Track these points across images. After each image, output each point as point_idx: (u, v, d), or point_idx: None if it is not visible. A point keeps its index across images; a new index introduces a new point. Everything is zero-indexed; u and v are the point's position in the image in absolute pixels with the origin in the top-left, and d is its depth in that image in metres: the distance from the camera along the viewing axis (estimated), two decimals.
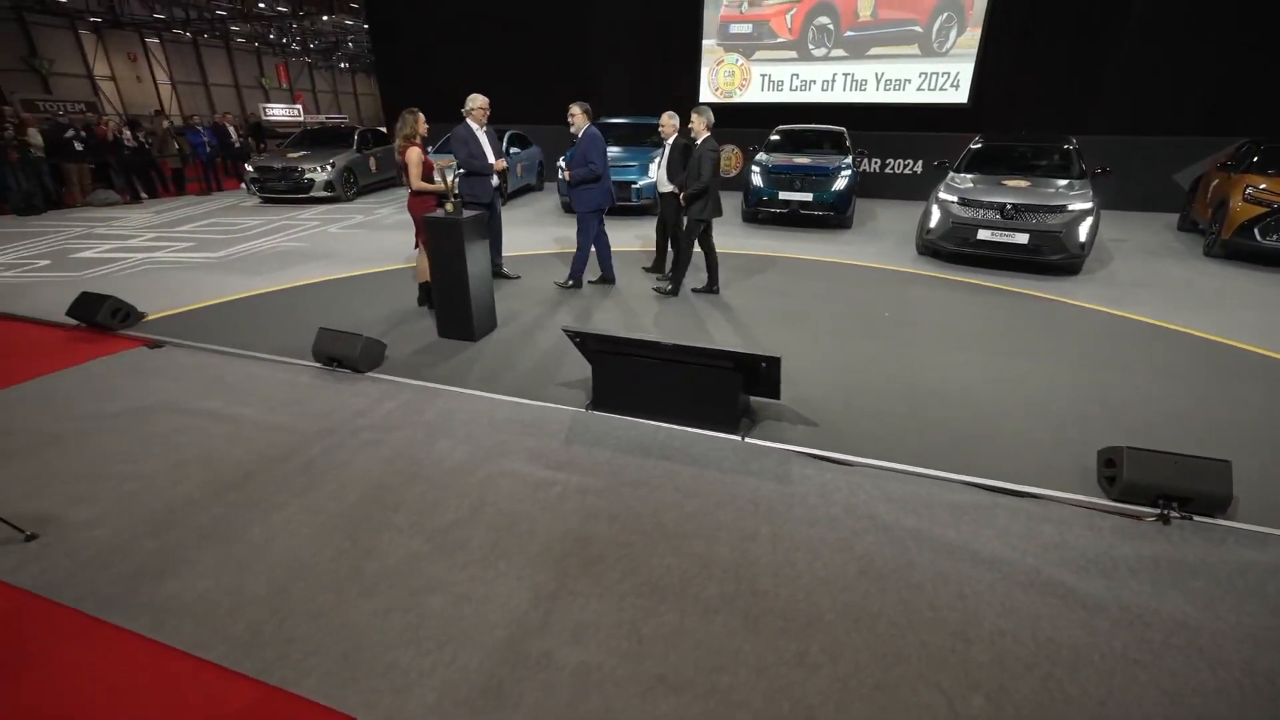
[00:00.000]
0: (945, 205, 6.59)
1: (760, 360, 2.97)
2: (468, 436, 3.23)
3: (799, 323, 4.98)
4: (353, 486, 2.80)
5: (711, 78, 13.09)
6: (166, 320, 4.94)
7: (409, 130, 4.56)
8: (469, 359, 4.20)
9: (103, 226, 8.81)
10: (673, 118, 5.58)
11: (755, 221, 9.31)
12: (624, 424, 3.33)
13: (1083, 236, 5.99)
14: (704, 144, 5.20)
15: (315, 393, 3.72)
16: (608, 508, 2.66)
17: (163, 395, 3.67)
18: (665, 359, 3.19)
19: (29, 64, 25.92)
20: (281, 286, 5.91)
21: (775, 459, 3.03)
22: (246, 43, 36.55)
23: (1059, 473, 2.90)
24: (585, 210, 5.51)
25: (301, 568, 2.30)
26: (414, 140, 4.55)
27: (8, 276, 6.21)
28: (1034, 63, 10.79)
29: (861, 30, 11.80)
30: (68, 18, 27.13)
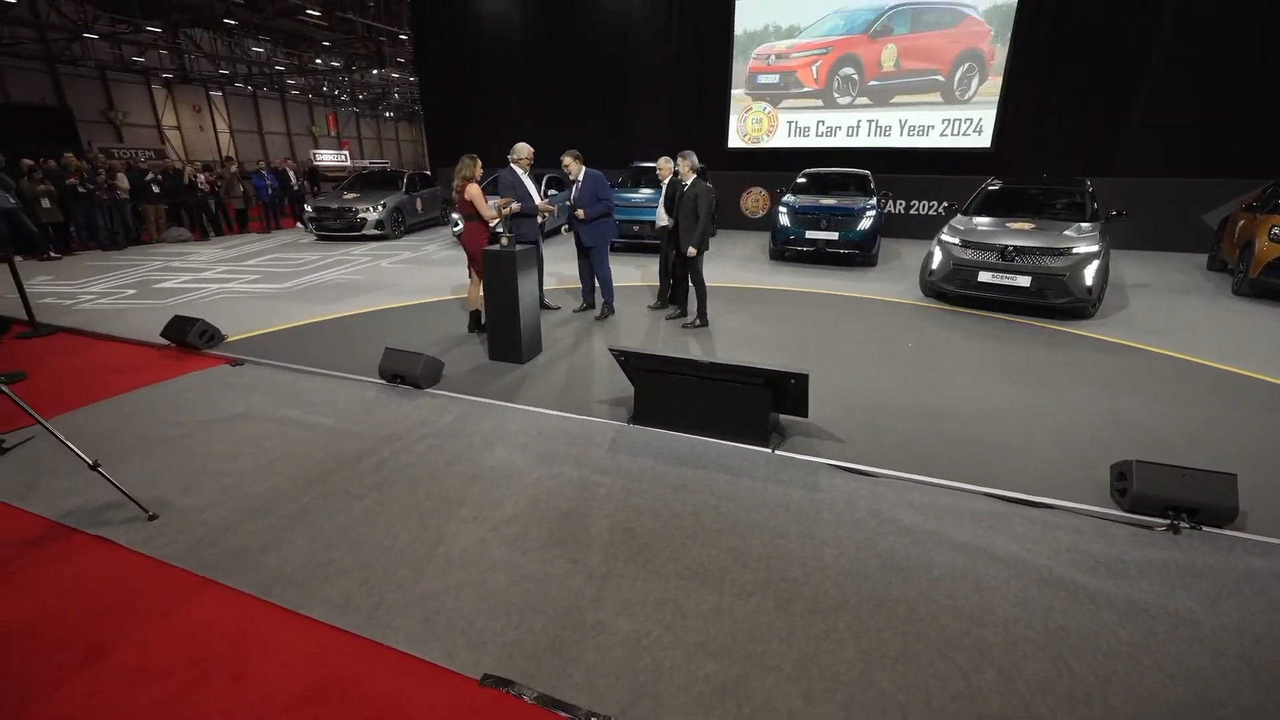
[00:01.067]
0: (947, 247, 6.62)
1: (790, 377, 3.25)
2: (520, 445, 3.55)
3: (825, 351, 5.24)
4: (420, 484, 3.13)
5: (740, 124, 13.73)
6: (245, 341, 5.44)
7: (467, 172, 5.07)
8: (518, 378, 4.56)
9: (178, 260, 9.61)
10: (669, 161, 6.03)
11: (783, 260, 9.67)
12: (663, 436, 3.62)
13: (1089, 280, 5.88)
14: (695, 185, 5.58)
15: (381, 405, 4.11)
16: (650, 506, 2.93)
17: (248, 405, 4.10)
18: (702, 376, 3.49)
19: (106, 116, 28.48)
20: (343, 314, 6.42)
21: (804, 470, 3.28)
22: (300, 94, 39.21)
23: (1073, 486, 3.08)
24: (601, 244, 5.97)
25: (382, 548, 2.62)
26: (471, 180, 5.06)
27: (103, 303, 6.87)
28: (1056, 107, 11.13)
29: (885, 80, 12.34)
30: (144, 74, 29.75)
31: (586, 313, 6.30)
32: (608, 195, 5.84)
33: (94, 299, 7.08)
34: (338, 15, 25.07)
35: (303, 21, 26.34)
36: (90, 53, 26.68)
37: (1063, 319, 6.17)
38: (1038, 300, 6.08)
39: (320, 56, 32.32)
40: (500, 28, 14.89)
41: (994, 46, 11.43)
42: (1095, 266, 5.91)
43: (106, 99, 28.63)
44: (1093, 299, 6.01)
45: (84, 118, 26.23)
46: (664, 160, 6.00)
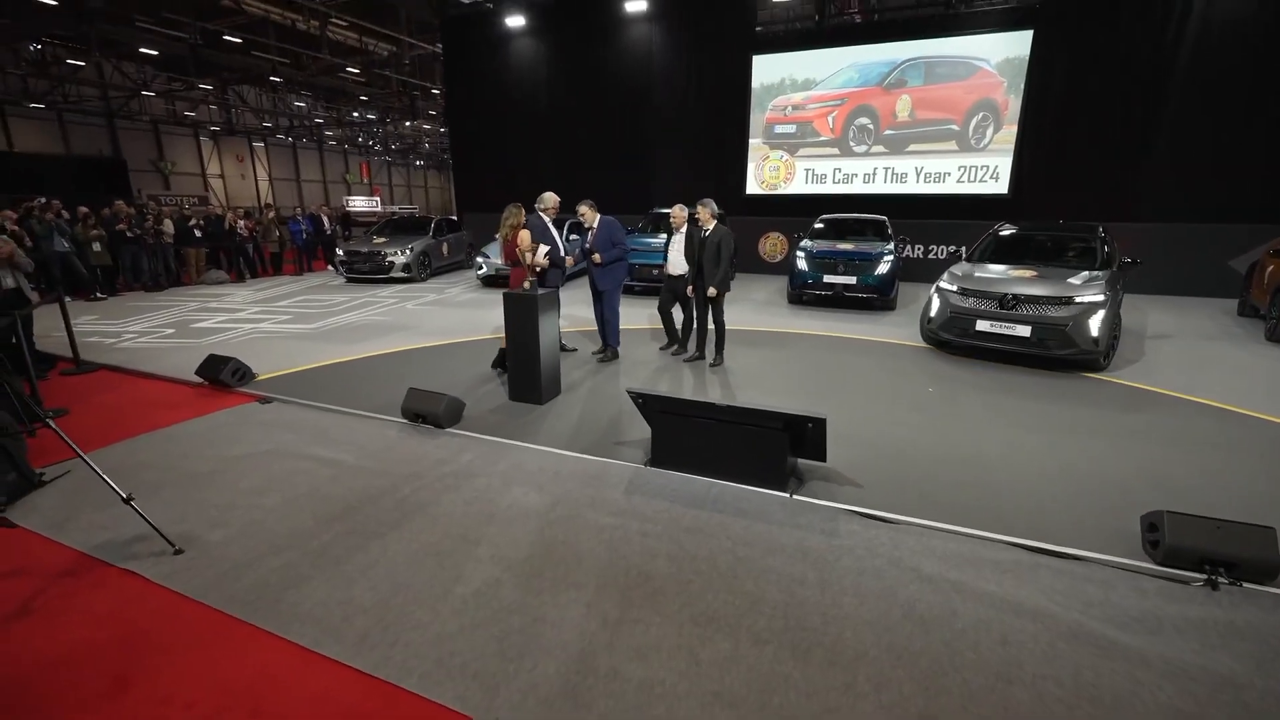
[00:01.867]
0: (944, 294, 6.38)
1: (807, 421, 3.25)
2: (537, 486, 3.57)
3: (844, 394, 5.22)
4: (439, 523, 3.16)
5: (758, 172, 14.06)
6: (274, 380, 5.61)
7: (514, 220, 5.41)
8: (537, 419, 4.62)
9: (214, 301, 10.01)
10: (683, 210, 6.18)
11: (801, 303, 9.73)
12: (680, 479, 3.62)
13: (1094, 331, 5.51)
14: (717, 230, 5.76)
15: (403, 443, 4.18)
16: (666, 550, 2.91)
17: (275, 442, 4.20)
18: (720, 419, 3.51)
19: (156, 165, 30.37)
20: (368, 354, 6.59)
21: (822, 515, 3.24)
22: (337, 144, 41.27)
23: (1101, 537, 3.00)
24: (614, 287, 6.09)
25: (399, 586, 2.64)
26: (520, 227, 5.33)
27: (143, 342, 7.17)
28: (1073, 155, 11.23)
29: (900, 129, 12.61)
30: (193, 127, 31.73)
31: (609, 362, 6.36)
32: (622, 240, 6.01)
33: (135, 337, 7.38)
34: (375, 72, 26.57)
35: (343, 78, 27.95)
36: (146, 108, 28.63)
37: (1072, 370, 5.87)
38: (1039, 351, 5.75)
39: (357, 110, 34.11)
40: (526, 82, 15.64)
41: (1008, 97, 11.66)
42: (1101, 316, 5.55)
43: (157, 150, 30.60)
44: (1100, 350, 5.61)
45: (136, 167, 28.04)
46: (678, 208, 6.17)
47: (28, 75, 23.32)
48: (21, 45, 21.80)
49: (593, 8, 14.41)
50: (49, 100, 24.73)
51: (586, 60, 14.90)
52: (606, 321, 6.19)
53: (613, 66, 14.65)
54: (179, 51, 21.32)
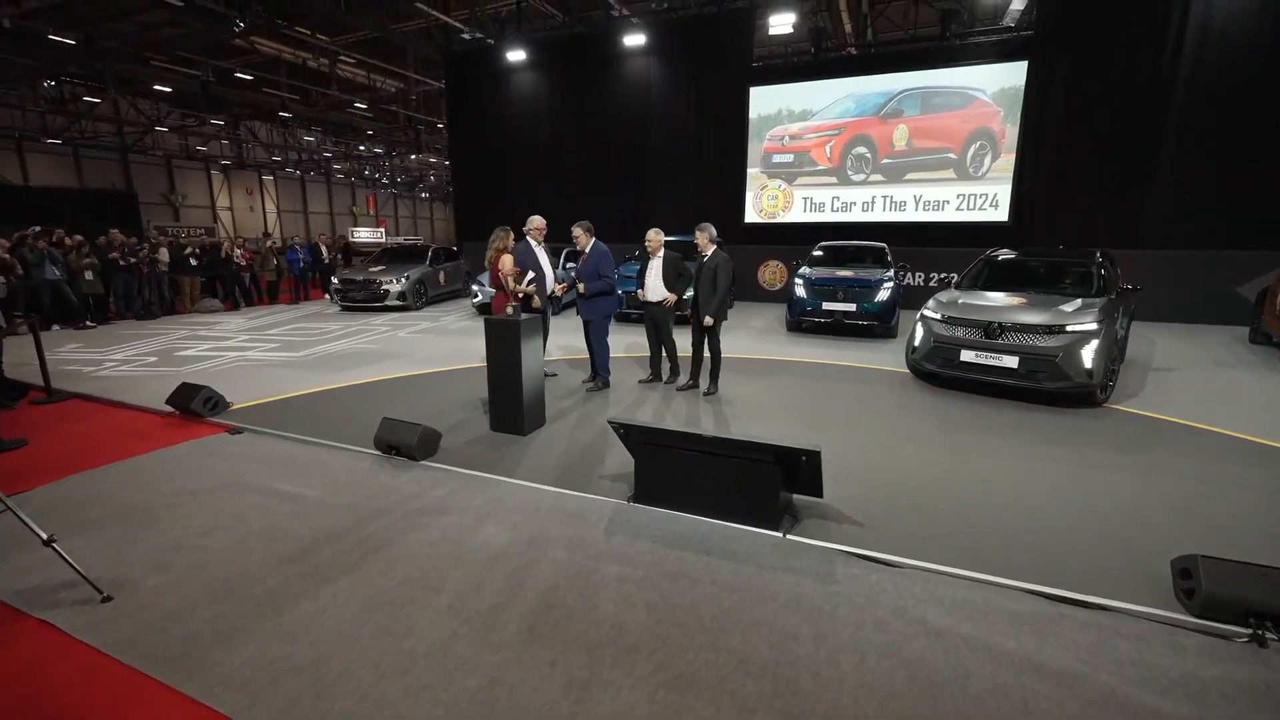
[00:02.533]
0: (928, 322, 6.00)
1: (800, 454, 3.00)
2: (511, 524, 3.31)
3: (843, 425, 4.96)
4: (399, 565, 2.89)
5: (756, 201, 14.04)
6: (250, 409, 5.39)
7: (500, 243, 5.21)
8: (518, 451, 4.36)
9: (204, 330, 9.87)
10: (658, 233, 6.01)
11: (800, 331, 9.52)
12: (664, 517, 3.34)
13: (1088, 362, 5.11)
14: (715, 256, 5.61)
15: (374, 477, 3.93)
16: (645, 598, 2.63)
17: (238, 475, 3.95)
18: (707, 452, 3.26)
19: (167, 198, 30.87)
20: (351, 382, 6.38)
21: (817, 557, 2.96)
22: (344, 177, 41.94)
23: (1127, 583, 2.70)
24: (600, 318, 5.90)
25: (344, 641, 2.36)
26: (505, 251, 5.13)
27: (124, 370, 6.98)
28: (1073, 182, 11.14)
29: (898, 158, 12.60)
30: (204, 161, 32.33)
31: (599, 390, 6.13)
32: (610, 273, 5.83)
33: (116, 366, 7.20)
34: (382, 107, 27.11)
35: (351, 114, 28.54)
36: (159, 143, 29.23)
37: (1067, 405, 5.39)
38: (1029, 384, 5.33)
39: (364, 144, 34.73)
40: (527, 115, 15.81)
41: (1004, 125, 11.66)
42: (1095, 346, 5.14)
43: (169, 183, 31.18)
44: (1095, 383, 5.16)
45: (147, 200, 28.54)
46: (653, 232, 6.01)
47: (45, 112, 23.88)
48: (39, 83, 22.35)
49: (592, 42, 14.63)
50: (65, 136, 25.29)
51: (586, 92, 15.06)
52: (595, 352, 5.98)
53: (612, 98, 14.79)
54: (191, 89, 21.79)
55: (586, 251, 5.79)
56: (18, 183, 24.56)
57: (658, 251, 5.95)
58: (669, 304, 5.92)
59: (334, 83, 22.53)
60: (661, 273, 5.91)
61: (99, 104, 24.46)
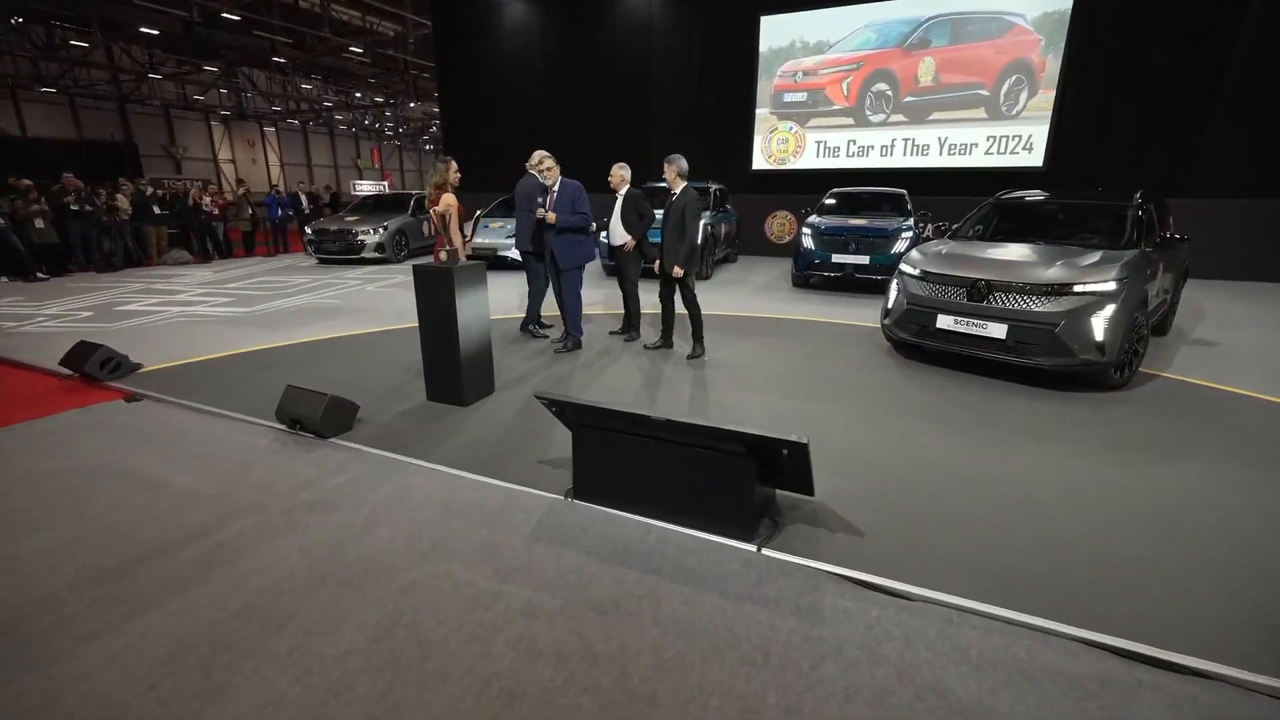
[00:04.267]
0: (904, 279, 4.92)
1: (781, 445, 2.23)
2: (413, 524, 2.61)
3: (845, 398, 4.17)
4: (248, 585, 2.21)
5: (765, 146, 12.89)
6: (163, 372, 4.71)
7: (439, 178, 4.31)
8: (451, 426, 3.64)
9: (162, 283, 9.17)
10: (623, 168, 5.15)
11: (807, 287, 8.65)
12: (607, 519, 2.62)
13: (1099, 333, 3.95)
14: (684, 194, 4.75)
15: (268, 459, 3.24)
16: (556, 642, 1.92)
17: (107, 455, 3.28)
18: (662, 438, 2.50)
19: (168, 151, 30.06)
20: (294, 341, 5.67)
21: (801, 581, 2.23)
22: (347, 129, 40.56)
23: (1232, 635, 1.95)
24: (575, 265, 5.12)
25: (119, 707, 1.68)
26: (445, 188, 4.26)
27: (48, 326, 6.32)
28: (1120, 122, 9.92)
29: (922, 95, 11.35)
30: (204, 112, 31.26)
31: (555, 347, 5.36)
32: (586, 209, 5.00)
33: (44, 321, 6.54)
34: (379, 52, 25.66)
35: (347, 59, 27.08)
36: (157, 92, 28.16)
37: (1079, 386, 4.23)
38: (1020, 359, 4.21)
39: (361, 92, 33.28)
40: (520, 56, 14.58)
41: (1045, 57, 10.35)
42: (1111, 313, 3.98)
43: (169, 134, 30.28)
44: (1108, 360, 4.00)
45: (147, 152, 27.79)
46: (618, 167, 5.13)
47: (38, 58, 22.83)
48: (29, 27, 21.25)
49: None
50: (61, 85, 24.34)
51: (582, 28, 13.78)
52: (567, 306, 5.19)
53: (610, 35, 13.51)
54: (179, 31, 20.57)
55: (555, 188, 4.94)
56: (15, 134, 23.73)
57: (621, 188, 5.08)
58: (629, 248, 5.09)
59: (327, 24, 21.19)
60: (621, 213, 5.06)
61: (90, 49, 23.32)
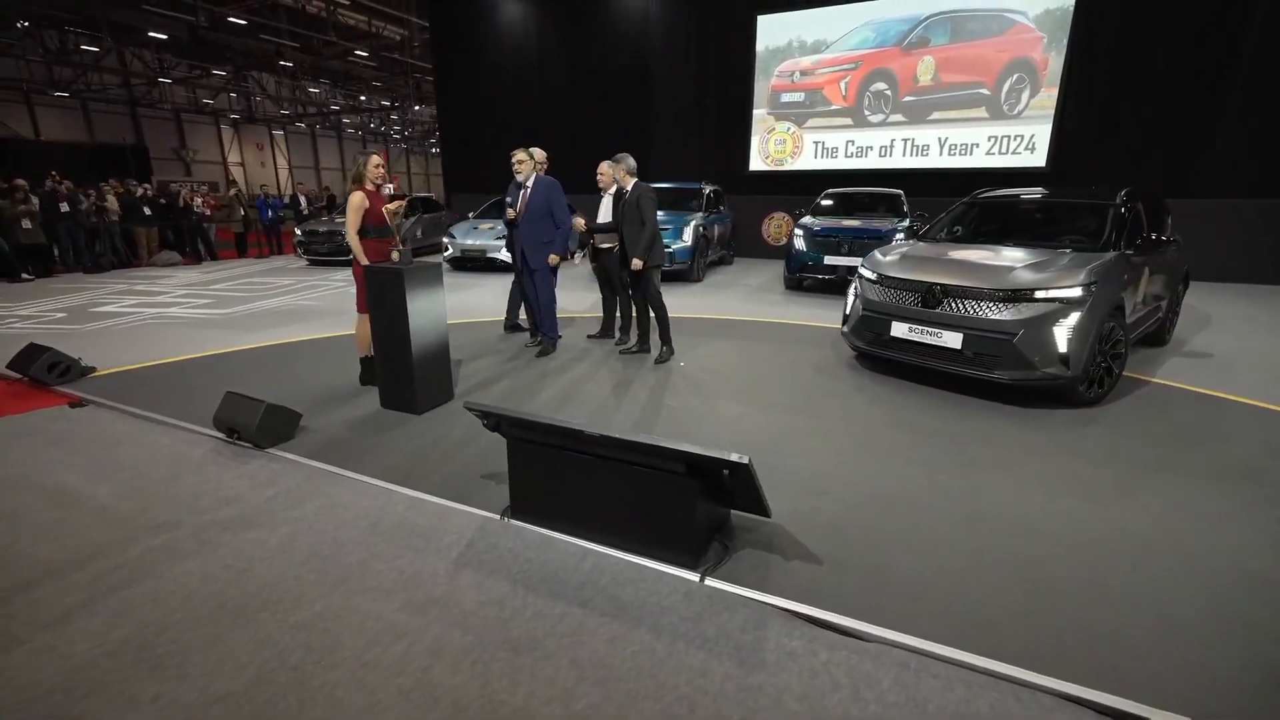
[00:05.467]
0: (862, 283, 4.58)
1: (721, 465, 2.00)
2: (332, 545, 2.40)
3: (819, 409, 3.93)
4: (132, 617, 2.00)
5: (762, 146, 12.67)
6: (117, 376, 4.53)
7: (356, 172, 3.93)
8: (398, 437, 3.43)
9: (145, 284, 9.04)
10: (611, 166, 4.95)
11: (800, 289, 8.41)
12: (542, 542, 2.40)
13: (1062, 344, 3.61)
14: (636, 188, 4.62)
15: (198, 471, 3.04)
16: (456, 690, 1.70)
17: (30, 466, 3.09)
18: (599, 455, 2.28)
19: (178, 154, 30.32)
20: (262, 344, 5.50)
21: (744, 617, 1.99)
22: (355, 132, 40.73)
23: (1225, 688, 1.70)
24: (548, 265, 4.95)
25: None
26: (360, 185, 3.91)
27: (16, 328, 6.17)
28: (1125, 121, 9.62)
29: (921, 95, 11.09)
30: (213, 115, 31.50)
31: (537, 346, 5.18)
32: (562, 205, 4.82)
33: (13, 322, 6.40)
34: (384, 55, 25.69)
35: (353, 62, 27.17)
36: (168, 96, 28.42)
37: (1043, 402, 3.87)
38: (976, 370, 3.85)
39: (365, 94, 33.38)
40: (515, 56, 14.44)
41: (1047, 55, 10.08)
42: (1075, 321, 3.63)
43: (179, 138, 30.56)
44: (1073, 374, 3.64)
45: (158, 155, 28.15)
46: (605, 164, 4.94)
47: (51, 63, 23.07)
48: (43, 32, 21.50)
49: None
50: (73, 89, 24.59)
51: (578, 28, 13.62)
52: (541, 306, 4.99)
53: (606, 36, 13.33)
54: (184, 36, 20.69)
55: (528, 184, 4.75)
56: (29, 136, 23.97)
57: (609, 188, 4.88)
58: (617, 251, 4.90)
59: (332, 29, 21.22)
60: (612, 212, 4.86)
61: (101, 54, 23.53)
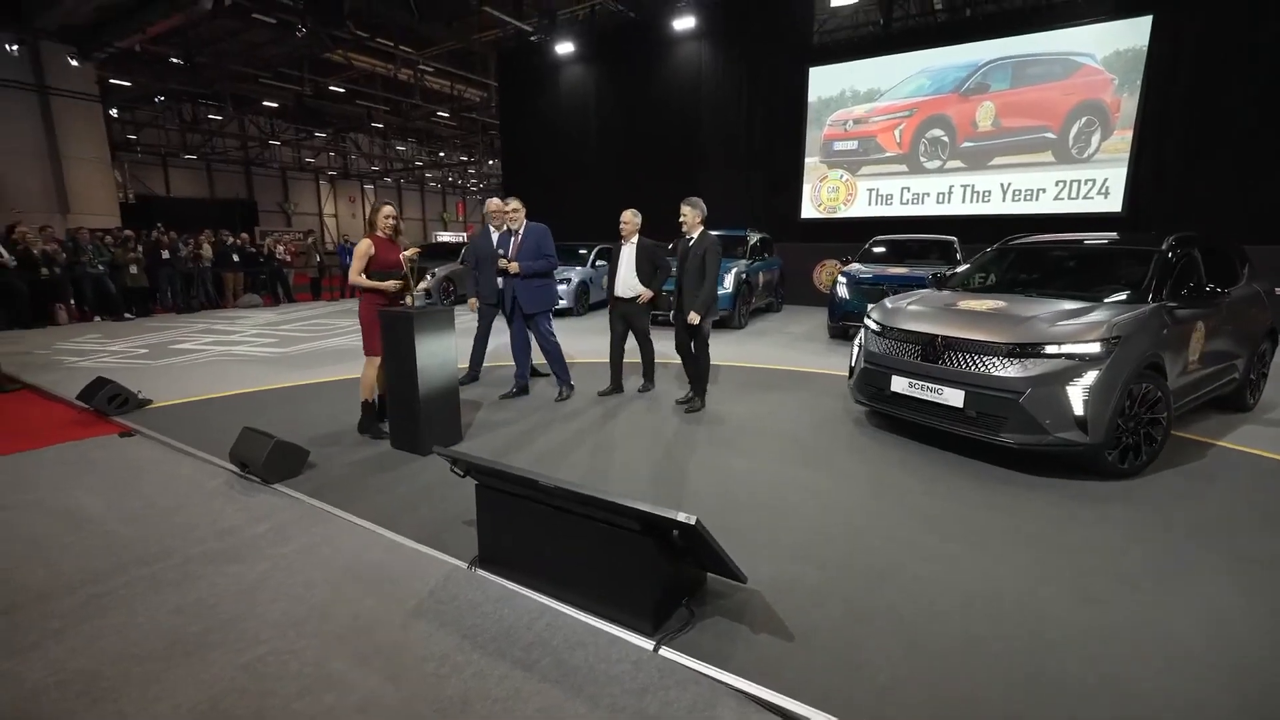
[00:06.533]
0: (866, 336, 4.29)
1: (670, 525, 1.87)
2: (304, 584, 2.40)
3: (838, 465, 3.68)
4: (94, 647, 2.05)
5: (815, 194, 12.58)
6: (169, 409, 4.88)
7: (370, 220, 4.04)
8: (399, 477, 3.47)
9: (224, 324, 9.85)
10: (636, 215, 4.95)
11: (845, 338, 8.09)
12: (503, 595, 2.31)
13: (1078, 406, 3.20)
14: (703, 239, 4.54)
15: (205, 502, 3.17)
16: None
17: (62, 491, 3.32)
18: (559, 508, 2.20)
19: (281, 206, 33.79)
20: (308, 381, 5.81)
21: (694, 695, 1.81)
22: (436, 186, 44.00)
23: None
24: (542, 310, 4.99)
25: None
26: (371, 232, 4.03)
27: (105, 361, 6.82)
28: (1206, 162, 8.91)
29: (981, 141, 10.75)
30: (314, 173, 35.11)
31: (517, 399, 5.13)
32: (552, 253, 4.92)
33: (104, 357, 7.09)
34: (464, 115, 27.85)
35: (435, 122, 29.63)
36: (276, 157, 32.12)
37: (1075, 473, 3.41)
38: (980, 432, 3.47)
39: (444, 151, 36.10)
40: (575, 108, 15.20)
41: (1119, 96, 9.57)
42: (1094, 381, 3.21)
43: (284, 192, 34.22)
44: (1094, 440, 3.22)
45: (265, 208, 31.57)
46: (629, 213, 4.96)
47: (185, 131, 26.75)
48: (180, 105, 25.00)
49: (639, 29, 13.77)
50: (200, 152, 28.28)
51: (634, 83, 14.23)
52: (547, 354, 5.03)
53: (661, 88, 13.84)
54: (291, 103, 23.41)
55: (519, 232, 4.87)
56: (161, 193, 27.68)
57: (631, 237, 4.92)
58: (644, 300, 4.88)
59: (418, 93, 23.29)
60: (635, 263, 4.87)
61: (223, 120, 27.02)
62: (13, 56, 13.10)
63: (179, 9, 11.71)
